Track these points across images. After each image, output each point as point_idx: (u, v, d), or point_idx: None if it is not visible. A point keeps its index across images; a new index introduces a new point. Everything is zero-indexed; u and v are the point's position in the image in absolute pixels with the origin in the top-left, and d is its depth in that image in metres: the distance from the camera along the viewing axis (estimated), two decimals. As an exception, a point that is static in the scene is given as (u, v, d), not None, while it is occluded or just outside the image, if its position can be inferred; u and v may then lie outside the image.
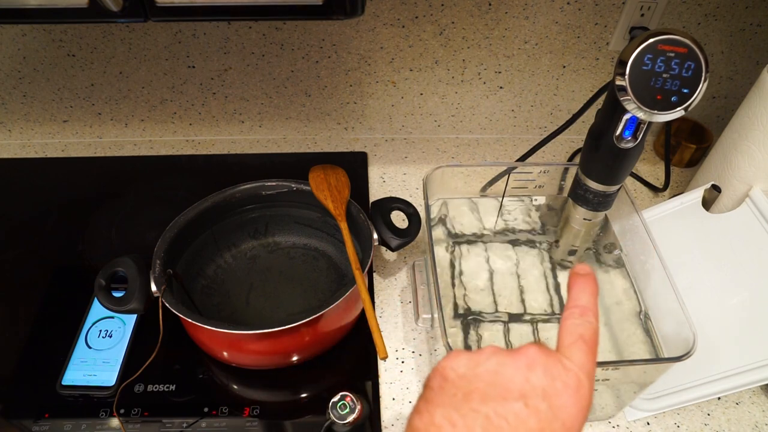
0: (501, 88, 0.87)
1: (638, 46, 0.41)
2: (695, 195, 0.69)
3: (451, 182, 0.66)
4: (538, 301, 0.63)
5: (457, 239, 0.68)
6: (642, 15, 0.76)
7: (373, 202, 0.67)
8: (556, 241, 0.66)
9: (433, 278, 0.55)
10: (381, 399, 0.60)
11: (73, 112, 0.89)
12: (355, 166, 0.87)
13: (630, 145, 0.48)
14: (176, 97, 0.87)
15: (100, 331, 0.65)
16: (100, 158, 0.90)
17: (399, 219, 0.69)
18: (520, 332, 0.60)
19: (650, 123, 0.46)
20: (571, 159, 0.90)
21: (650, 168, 0.89)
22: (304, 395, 0.61)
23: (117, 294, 0.57)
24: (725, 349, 0.56)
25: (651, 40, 0.41)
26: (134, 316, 0.66)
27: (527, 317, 0.62)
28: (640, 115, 0.44)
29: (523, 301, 0.63)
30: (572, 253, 0.64)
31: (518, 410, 0.28)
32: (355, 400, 0.55)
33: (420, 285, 0.67)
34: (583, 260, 0.65)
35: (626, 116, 0.46)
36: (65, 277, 0.72)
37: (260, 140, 0.94)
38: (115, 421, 0.58)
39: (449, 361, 0.32)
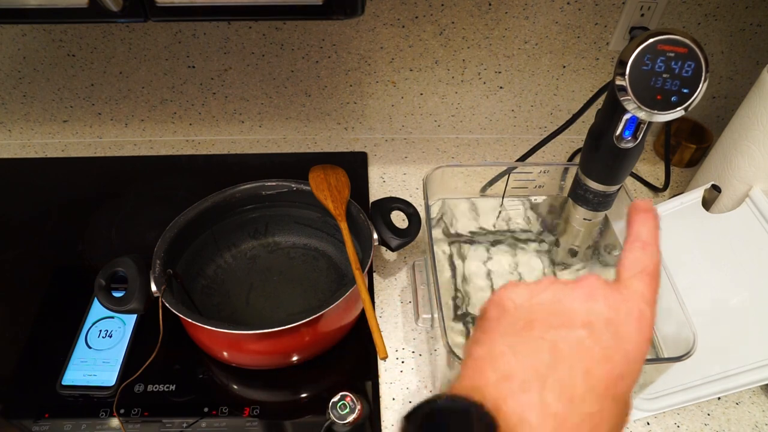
0: (501, 88, 0.87)
1: (638, 46, 0.41)
2: (695, 195, 0.69)
3: (451, 182, 0.66)
4: (538, 301, 0.63)
5: (457, 239, 0.68)
6: (642, 15, 0.76)
7: (373, 202, 0.67)
8: (556, 241, 0.66)
9: (433, 278, 0.55)
10: (381, 399, 0.60)
11: (73, 112, 0.89)
12: (355, 166, 0.87)
13: (630, 145, 0.48)
14: (176, 97, 0.87)
15: (100, 331, 0.65)
16: (100, 158, 0.90)
17: (399, 219, 0.69)
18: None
19: (650, 123, 0.46)
20: (571, 159, 0.90)
21: (650, 168, 0.89)
22: (304, 395, 0.61)
23: (117, 294, 0.57)
24: (725, 349, 0.56)
25: (651, 40, 0.41)
26: (134, 316, 0.66)
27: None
28: (640, 115, 0.44)
29: (523, 301, 0.63)
30: (572, 253, 0.64)
31: (583, 338, 0.28)
32: (355, 400, 0.55)
33: (420, 285, 0.67)
34: (584, 260, 0.65)
35: (626, 116, 0.46)
36: (65, 277, 0.72)
37: (260, 140, 0.94)
38: (115, 421, 0.58)
39: (507, 292, 0.31)
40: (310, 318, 0.54)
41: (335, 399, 0.55)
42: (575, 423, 0.26)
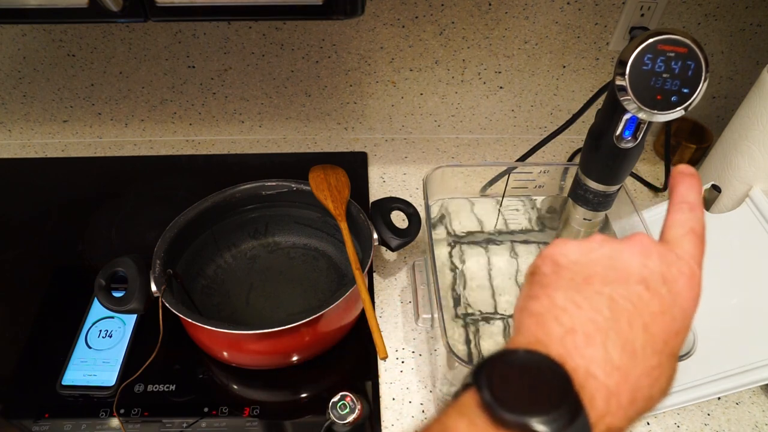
0: (501, 88, 0.87)
1: (638, 46, 0.41)
2: (695, 195, 0.69)
3: (451, 182, 0.66)
4: (538, 301, 0.63)
5: (457, 239, 0.68)
6: (642, 15, 0.76)
7: (373, 202, 0.67)
8: (556, 241, 0.66)
9: (433, 278, 0.55)
10: (381, 399, 0.60)
11: (73, 112, 0.89)
12: (355, 166, 0.87)
13: (630, 145, 0.48)
14: (176, 97, 0.87)
15: (100, 331, 0.65)
16: (100, 158, 0.90)
17: (399, 219, 0.69)
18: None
19: (650, 123, 0.46)
20: (571, 159, 0.90)
21: (650, 168, 0.89)
22: (304, 395, 0.61)
23: (117, 294, 0.57)
24: (725, 349, 0.56)
25: (651, 40, 0.41)
26: (134, 316, 0.66)
27: (527, 317, 0.61)
28: (640, 115, 0.44)
29: (523, 301, 0.63)
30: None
31: (641, 293, 0.28)
32: (355, 400, 0.55)
33: (420, 285, 0.67)
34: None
35: (626, 116, 0.46)
36: (65, 277, 0.72)
37: (260, 140, 0.94)
38: (115, 421, 0.58)
39: (558, 248, 0.31)
40: (310, 318, 0.54)
41: (335, 399, 0.55)
42: (637, 377, 0.26)
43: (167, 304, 0.55)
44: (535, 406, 0.23)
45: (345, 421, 0.54)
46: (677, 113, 0.43)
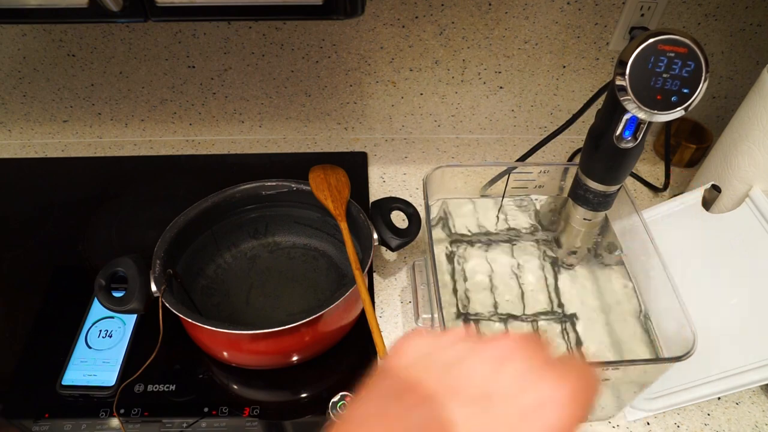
0: (501, 88, 0.87)
1: (638, 46, 0.41)
2: (695, 195, 0.69)
3: (451, 182, 0.66)
4: (538, 301, 0.63)
5: (457, 239, 0.68)
6: (642, 15, 0.76)
7: (373, 202, 0.67)
8: (557, 241, 0.66)
9: (433, 278, 0.55)
10: (381, 399, 0.60)
11: (73, 112, 0.89)
12: (355, 166, 0.87)
13: (630, 145, 0.48)
14: (176, 97, 0.87)
15: (100, 331, 0.65)
16: (100, 158, 0.90)
17: (399, 219, 0.69)
18: (521, 331, 0.60)
19: (650, 123, 0.46)
20: (571, 159, 0.90)
21: (650, 168, 0.89)
22: (304, 395, 0.61)
23: (117, 294, 0.57)
24: (725, 349, 0.56)
25: (651, 40, 0.41)
26: (134, 316, 0.66)
27: (527, 317, 0.62)
28: (641, 115, 0.44)
29: (523, 300, 0.63)
30: (572, 253, 0.64)
31: (462, 414, 0.23)
32: (355, 400, 0.55)
33: (420, 285, 0.67)
34: (584, 260, 0.65)
35: (626, 116, 0.46)
36: (65, 277, 0.72)
37: (260, 140, 0.94)
38: (115, 421, 0.58)
39: (409, 341, 0.27)
40: (310, 318, 0.54)
41: (335, 399, 0.55)
42: None
43: (167, 304, 0.55)
44: None
45: (345, 421, 0.54)
46: (677, 113, 0.43)
